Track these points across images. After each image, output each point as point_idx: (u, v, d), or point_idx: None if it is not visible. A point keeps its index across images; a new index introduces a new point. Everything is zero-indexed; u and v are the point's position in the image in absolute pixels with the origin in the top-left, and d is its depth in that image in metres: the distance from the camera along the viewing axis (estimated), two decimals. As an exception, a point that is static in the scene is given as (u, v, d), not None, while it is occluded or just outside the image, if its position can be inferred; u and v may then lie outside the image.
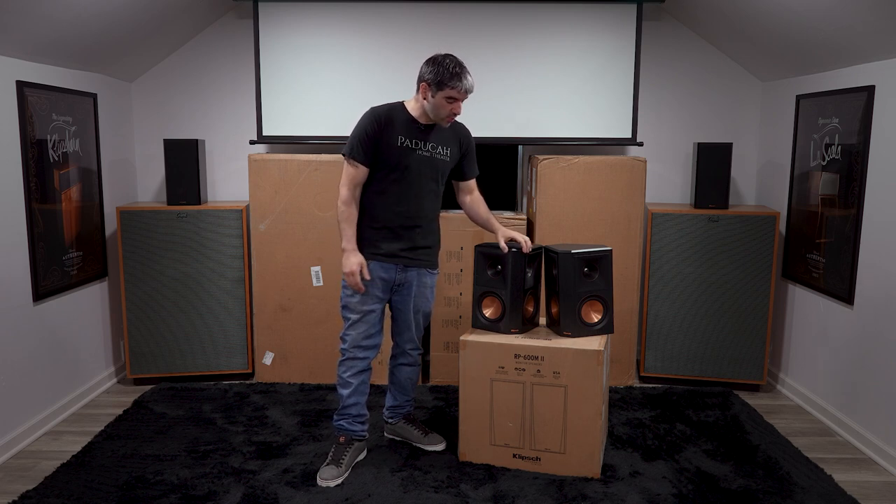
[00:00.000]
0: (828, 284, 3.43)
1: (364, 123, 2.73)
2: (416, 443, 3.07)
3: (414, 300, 2.90)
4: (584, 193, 3.71)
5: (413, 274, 2.86)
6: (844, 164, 3.29)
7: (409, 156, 2.74)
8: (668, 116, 4.22)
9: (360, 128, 2.73)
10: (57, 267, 3.36)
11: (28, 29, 2.92)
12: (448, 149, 2.83)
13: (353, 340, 2.81)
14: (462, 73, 2.65)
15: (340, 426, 2.87)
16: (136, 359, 3.81)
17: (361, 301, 2.79)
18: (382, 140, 2.71)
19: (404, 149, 2.73)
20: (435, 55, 2.69)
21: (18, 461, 2.97)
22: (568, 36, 3.90)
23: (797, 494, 2.66)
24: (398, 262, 2.80)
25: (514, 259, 2.85)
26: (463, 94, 2.68)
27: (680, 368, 3.85)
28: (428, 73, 2.66)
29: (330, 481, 2.72)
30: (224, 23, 4.13)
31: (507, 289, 2.86)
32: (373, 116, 2.73)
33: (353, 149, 2.72)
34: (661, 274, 3.80)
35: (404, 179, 2.75)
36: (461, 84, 2.64)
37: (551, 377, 2.75)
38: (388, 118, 2.72)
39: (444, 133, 2.82)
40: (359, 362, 2.83)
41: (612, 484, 2.73)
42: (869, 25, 2.88)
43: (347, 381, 2.83)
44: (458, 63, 2.66)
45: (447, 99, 2.67)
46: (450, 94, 2.65)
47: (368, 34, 3.90)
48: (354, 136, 2.73)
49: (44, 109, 3.22)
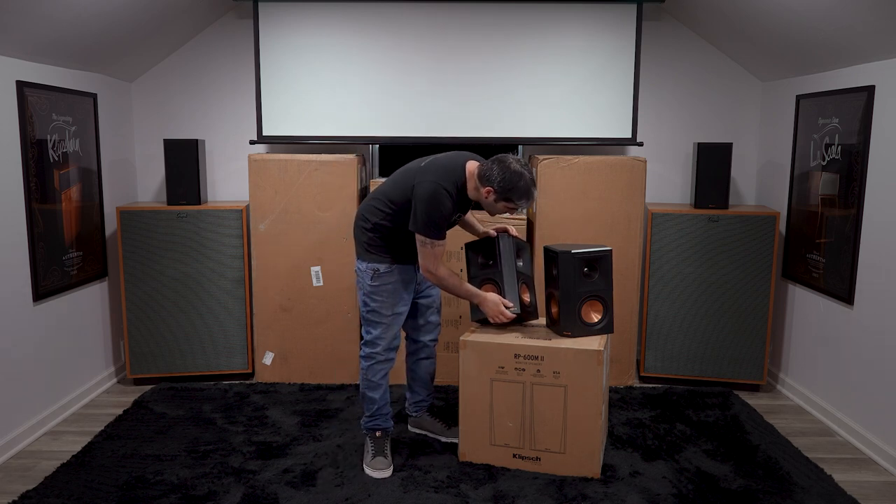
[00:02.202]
0: (828, 284, 3.43)
1: (445, 209, 2.68)
2: (439, 435, 3.11)
3: (430, 291, 3.03)
4: (584, 193, 3.71)
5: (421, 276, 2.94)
6: (844, 164, 3.29)
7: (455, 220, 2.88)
8: (668, 116, 4.22)
9: (440, 213, 2.67)
10: (57, 267, 3.36)
11: (28, 29, 2.92)
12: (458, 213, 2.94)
13: (386, 343, 2.85)
14: (531, 193, 2.69)
15: (376, 425, 2.92)
16: (136, 359, 3.81)
17: (393, 305, 2.84)
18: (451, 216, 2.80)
19: (454, 220, 2.84)
20: (508, 161, 2.66)
21: (18, 461, 2.97)
22: (568, 36, 3.90)
23: (797, 494, 2.66)
24: (414, 263, 2.86)
25: (503, 244, 2.93)
26: (524, 207, 2.76)
27: (680, 368, 3.85)
28: (498, 180, 2.65)
29: (384, 471, 2.80)
30: (224, 23, 4.12)
31: (500, 270, 2.92)
32: (451, 202, 2.70)
33: (436, 233, 2.70)
34: (661, 274, 3.80)
35: None
36: (528, 203, 2.70)
37: (551, 377, 2.75)
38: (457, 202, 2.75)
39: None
40: (389, 364, 2.89)
41: (612, 484, 2.73)
42: (869, 25, 2.88)
43: (378, 383, 2.88)
44: (530, 181, 2.67)
45: (508, 208, 2.73)
46: (512, 207, 2.71)
47: (368, 34, 3.90)
48: (434, 220, 2.67)
49: (44, 109, 3.22)
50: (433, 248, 2.71)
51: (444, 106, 3.96)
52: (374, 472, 2.80)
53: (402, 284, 2.85)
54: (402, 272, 2.84)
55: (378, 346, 2.84)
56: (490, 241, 2.97)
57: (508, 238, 2.97)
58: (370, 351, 2.86)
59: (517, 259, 2.96)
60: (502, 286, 2.90)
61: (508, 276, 2.91)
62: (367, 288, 2.81)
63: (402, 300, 2.87)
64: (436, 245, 2.71)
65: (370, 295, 2.82)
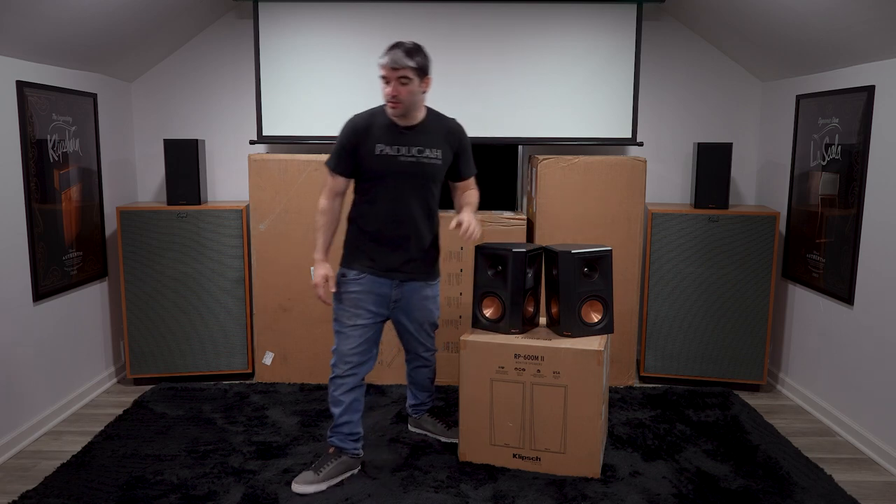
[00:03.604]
0: (828, 284, 3.43)
1: (341, 134, 2.64)
2: (440, 436, 3.09)
3: (415, 314, 2.81)
4: (584, 193, 3.71)
5: (411, 288, 2.76)
6: (844, 164, 3.29)
7: (391, 163, 2.61)
8: (668, 116, 4.22)
9: (339, 139, 2.64)
10: (57, 267, 3.36)
11: (28, 29, 2.92)
12: (438, 150, 2.67)
13: (340, 356, 2.69)
14: (389, 48, 2.49)
15: (332, 441, 2.77)
16: (136, 359, 3.81)
17: (351, 314, 2.67)
18: (361, 150, 2.61)
19: (384, 157, 2.60)
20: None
21: (18, 461, 2.97)
22: (568, 36, 3.90)
23: (797, 494, 2.66)
24: (394, 276, 2.70)
25: (515, 259, 2.85)
26: (388, 70, 2.49)
27: (680, 368, 3.85)
28: None
29: (301, 486, 2.63)
30: (224, 23, 4.12)
31: (508, 289, 2.85)
32: (350, 126, 2.64)
33: (331, 160, 2.66)
34: (661, 274, 3.80)
35: (389, 188, 2.63)
36: (383, 58, 2.49)
37: (551, 377, 2.75)
38: (367, 126, 2.61)
39: (431, 134, 2.67)
40: (348, 380, 2.69)
41: (611, 484, 2.73)
42: (869, 25, 2.88)
43: (339, 399, 2.70)
44: (397, 42, 2.52)
45: (382, 80, 2.53)
46: (381, 74, 2.52)
47: (368, 34, 3.90)
48: (334, 147, 2.66)
49: (44, 109, 3.22)
50: (328, 176, 2.67)
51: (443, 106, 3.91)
52: (295, 483, 2.65)
53: (369, 297, 2.67)
54: (372, 284, 2.67)
55: (334, 357, 2.71)
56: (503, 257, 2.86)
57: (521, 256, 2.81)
58: (331, 362, 2.73)
59: (527, 270, 2.87)
60: (505, 305, 2.86)
61: (515, 297, 2.84)
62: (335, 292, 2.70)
63: (366, 312, 2.68)
64: (330, 173, 2.66)
65: (334, 298, 2.71)
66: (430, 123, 2.68)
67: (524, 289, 2.88)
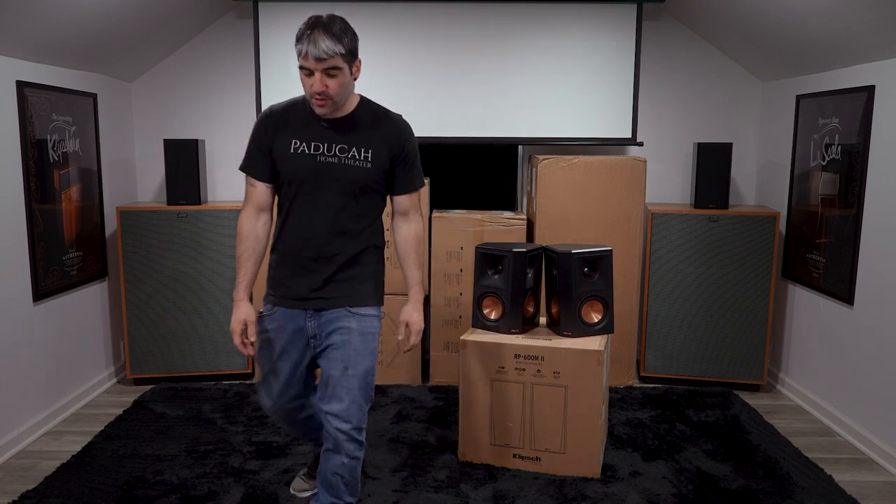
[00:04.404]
0: (828, 284, 3.43)
1: (254, 127, 2.12)
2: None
3: (337, 353, 2.11)
4: (584, 193, 3.71)
5: (330, 318, 2.13)
6: (844, 164, 3.29)
7: (308, 164, 2.05)
8: (668, 116, 4.22)
9: (252, 133, 2.12)
10: (57, 267, 3.36)
11: (28, 29, 2.92)
12: (368, 151, 2.07)
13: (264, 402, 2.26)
14: (308, 34, 1.91)
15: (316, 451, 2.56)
16: (136, 359, 3.81)
17: (265, 355, 2.20)
18: (276, 147, 2.07)
19: (299, 156, 2.05)
20: None
21: (18, 461, 2.97)
22: (568, 36, 3.90)
23: (797, 494, 2.66)
24: (307, 306, 2.12)
25: (515, 259, 2.85)
26: (311, 62, 1.91)
27: (680, 368, 3.85)
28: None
29: (298, 493, 2.54)
30: (224, 23, 4.12)
31: (508, 289, 2.85)
32: (263, 117, 2.11)
33: (243, 160, 2.14)
34: (661, 274, 3.80)
35: (303, 195, 2.08)
36: (304, 45, 1.91)
37: (551, 377, 2.75)
38: (282, 118, 2.08)
39: (362, 130, 2.09)
40: (283, 423, 2.37)
41: (611, 484, 2.73)
42: (869, 25, 2.88)
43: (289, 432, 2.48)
44: (314, 21, 1.93)
45: (302, 71, 1.96)
46: (300, 64, 1.95)
47: (368, 34, 3.90)
48: (248, 145, 2.14)
49: (44, 109, 3.22)
50: (246, 189, 2.15)
51: (443, 106, 3.96)
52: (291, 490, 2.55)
53: (283, 336, 2.16)
54: (284, 319, 2.16)
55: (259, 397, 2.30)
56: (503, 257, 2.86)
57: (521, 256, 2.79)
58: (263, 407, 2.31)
59: (527, 270, 2.88)
60: (505, 305, 2.86)
61: (515, 297, 2.85)
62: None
63: (283, 353, 2.18)
64: (247, 180, 2.14)
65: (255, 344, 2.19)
66: (361, 116, 2.10)
67: (524, 289, 2.88)
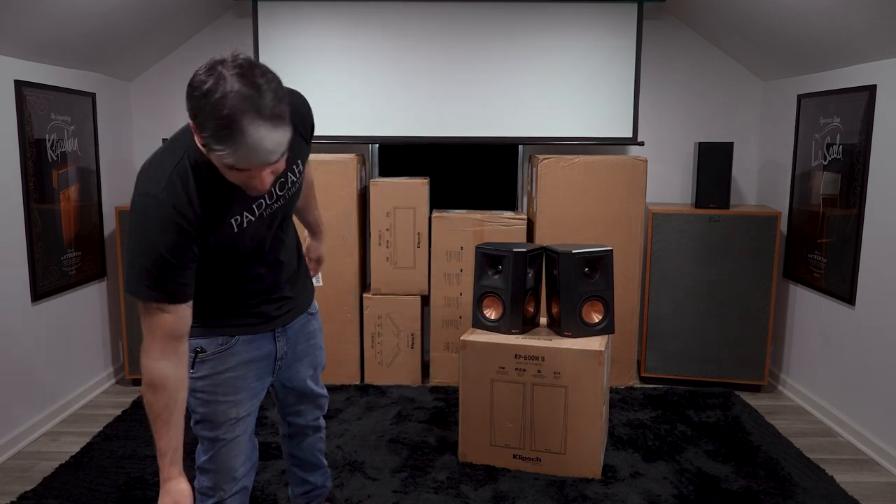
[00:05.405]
0: (829, 284, 3.42)
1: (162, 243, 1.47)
2: None
3: (308, 359, 2.04)
4: (585, 193, 3.70)
5: (296, 328, 1.96)
6: (846, 163, 3.28)
7: (254, 229, 1.67)
8: (669, 116, 4.21)
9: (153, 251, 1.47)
10: (55, 267, 3.35)
11: (26, 28, 2.91)
12: (298, 162, 1.74)
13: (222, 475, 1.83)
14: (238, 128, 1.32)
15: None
16: (134, 359, 3.80)
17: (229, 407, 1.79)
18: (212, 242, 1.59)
19: (245, 229, 1.65)
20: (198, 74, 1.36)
21: (17, 462, 2.96)
22: (568, 36, 3.89)
23: (798, 495, 2.66)
24: (276, 325, 1.87)
25: (515, 259, 2.84)
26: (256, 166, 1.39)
27: (681, 369, 3.84)
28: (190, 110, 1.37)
29: None
30: (223, 22, 4.11)
31: (508, 289, 2.85)
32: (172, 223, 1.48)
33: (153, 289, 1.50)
34: (661, 274, 3.79)
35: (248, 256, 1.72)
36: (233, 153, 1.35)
37: (552, 377, 2.74)
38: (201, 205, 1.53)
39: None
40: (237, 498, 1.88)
41: (612, 485, 2.72)
42: (870, 25, 2.87)
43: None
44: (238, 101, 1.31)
45: (229, 168, 1.41)
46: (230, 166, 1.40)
47: (368, 34, 3.89)
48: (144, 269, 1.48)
49: (42, 109, 3.21)
50: (148, 318, 1.53)
51: (443, 105, 3.95)
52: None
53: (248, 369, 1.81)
54: (249, 347, 1.81)
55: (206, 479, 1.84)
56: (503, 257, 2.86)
57: (522, 256, 2.78)
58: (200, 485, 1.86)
59: (527, 270, 2.87)
60: (506, 305, 2.86)
61: (515, 297, 2.84)
62: (190, 383, 1.70)
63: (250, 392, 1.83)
64: (151, 310, 1.52)
65: (193, 393, 1.75)
66: None
67: (524, 289, 2.87)
